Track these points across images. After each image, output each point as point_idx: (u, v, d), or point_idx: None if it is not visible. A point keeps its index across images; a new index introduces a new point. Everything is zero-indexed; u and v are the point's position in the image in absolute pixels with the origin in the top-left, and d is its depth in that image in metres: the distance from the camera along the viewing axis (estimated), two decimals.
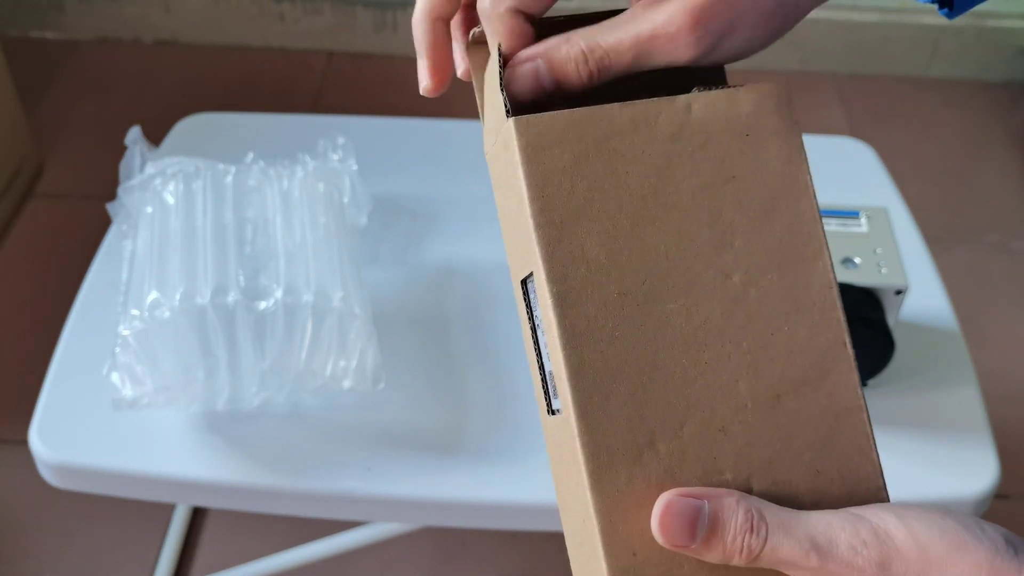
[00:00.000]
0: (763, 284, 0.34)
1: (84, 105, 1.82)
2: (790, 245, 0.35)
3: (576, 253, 0.33)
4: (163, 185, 0.79)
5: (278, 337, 0.71)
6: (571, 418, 0.33)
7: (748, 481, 0.33)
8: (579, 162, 0.34)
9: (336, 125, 0.99)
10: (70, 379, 0.77)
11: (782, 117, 0.35)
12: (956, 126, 1.88)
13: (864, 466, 0.34)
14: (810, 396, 0.34)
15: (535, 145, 0.34)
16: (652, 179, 0.34)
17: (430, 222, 0.92)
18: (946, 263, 1.01)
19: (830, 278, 0.35)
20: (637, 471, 0.33)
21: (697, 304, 0.34)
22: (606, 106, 0.34)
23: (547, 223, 0.33)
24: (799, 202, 0.35)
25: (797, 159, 0.35)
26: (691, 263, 0.34)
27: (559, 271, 0.33)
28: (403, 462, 0.72)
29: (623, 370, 0.33)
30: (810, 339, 0.34)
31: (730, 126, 0.35)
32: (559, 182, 0.34)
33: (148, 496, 0.76)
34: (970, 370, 0.80)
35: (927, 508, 0.32)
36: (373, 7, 1.93)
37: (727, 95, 0.35)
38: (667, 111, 0.35)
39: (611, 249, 0.34)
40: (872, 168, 1.01)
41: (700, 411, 0.33)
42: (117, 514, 1.20)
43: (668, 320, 0.34)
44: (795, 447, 0.34)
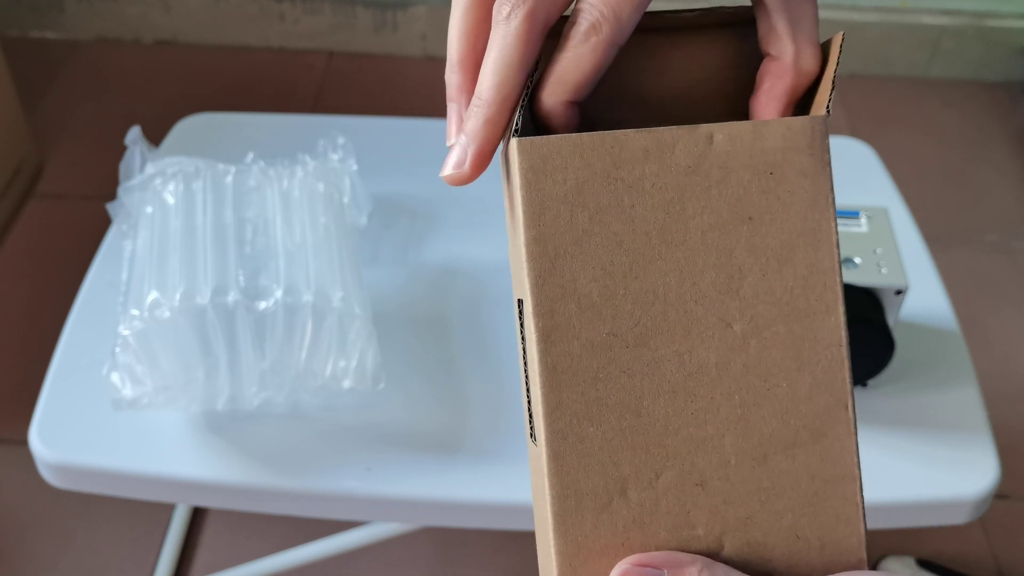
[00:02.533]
0: (766, 336, 0.32)
1: (84, 105, 1.82)
2: (802, 296, 0.32)
3: (567, 288, 0.32)
4: (163, 185, 0.79)
5: (278, 337, 0.71)
6: (543, 455, 0.32)
7: (720, 539, 0.32)
8: (582, 191, 0.32)
9: (336, 125, 0.99)
10: (70, 379, 0.77)
11: (813, 156, 0.32)
12: (956, 126, 1.88)
13: (848, 537, 0.33)
14: (800, 458, 0.32)
15: (537, 169, 0.32)
16: (660, 214, 0.32)
17: (430, 222, 0.92)
18: (946, 263, 1.01)
19: (841, 336, 0.33)
20: (604, 518, 0.32)
21: (691, 351, 0.32)
22: (619, 132, 0.32)
23: (540, 254, 0.32)
24: (818, 251, 0.32)
25: (823, 203, 0.32)
26: (691, 307, 0.32)
27: (547, 305, 0.32)
28: (403, 462, 0.73)
29: (603, 413, 0.32)
30: (809, 398, 0.32)
31: (753, 162, 0.32)
32: (558, 211, 0.32)
33: (148, 496, 0.76)
34: (970, 370, 0.80)
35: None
36: (373, 7, 1.93)
37: (754, 127, 0.32)
38: (685, 140, 0.32)
39: (605, 286, 0.32)
40: (872, 168, 1.01)
41: (679, 462, 0.32)
42: (117, 514, 1.20)
43: (658, 366, 0.32)
44: (776, 509, 0.32)
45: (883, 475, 0.72)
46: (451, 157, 0.33)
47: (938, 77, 1.99)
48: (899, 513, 0.73)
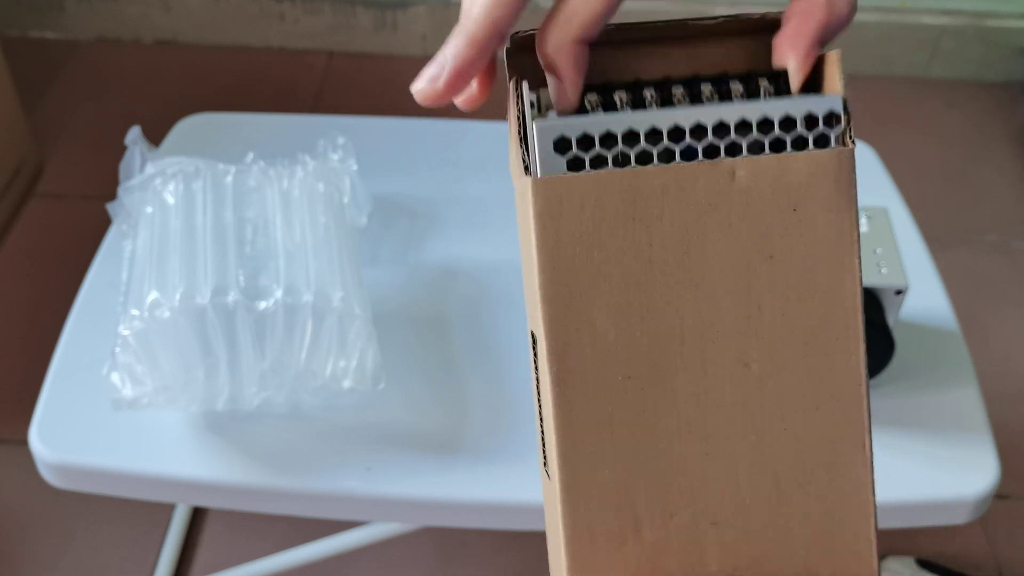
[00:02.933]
0: (784, 375, 0.31)
1: (84, 105, 1.82)
2: (822, 335, 0.31)
3: (583, 329, 0.31)
4: (163, 185, 0.79)
5: (278, 337, 0.71)
6: (557, 495, 0.31)
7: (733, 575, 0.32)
8: (598, 229, 0.31)
9: (336, 125, 0.99)
10: (70, 379, 0.77)
11: (840, 191, 0.31)
12: (956, 126, 1.88)
13: (861, 571, 0.33)
14: (815, 496, 0.32)
15: (552, 211, 0.31)
16: (679, 253, 0.31)
17: (430, 222, 0.92)
18: (946, 263, 1.01)
19: (861, 375, 0.32)
20: (619, 557, 0.31)
21: (708, 392, 0.31)
22: (638, 169, 0.31)
23: (555, 297, 0.31)
24: (841, 288, 0.31)
25: (848, 239, 0.31)
26: (708, 347, 0.31)
27: (562, 347, 0.31)
28: (403, 462, 0.72)
29: (617, 453, 0.31)
30: (827, 437, 0.32)
31: (777, 198, 0.31)
32: (574, 250, 0.31)
33: (148, 496, 0.76)
34: (970, 370, 0.80)
35: None
36: (373, 7, 1.93)
37: (779, 161, 0.31)
38: (707, 176, 0.31)
39: (622, 327, 0.31)
40: (872, 168, 1.01)
41: (693, 502, 0.32)
42: (117, 514, 1.20)
43: (674, 406, 0.31)
44: (790, 546, 0.32)
45: (883, 475, 0.72)
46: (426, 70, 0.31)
47: (938, 77, 1.99)
48: (899, 513, 0.73)
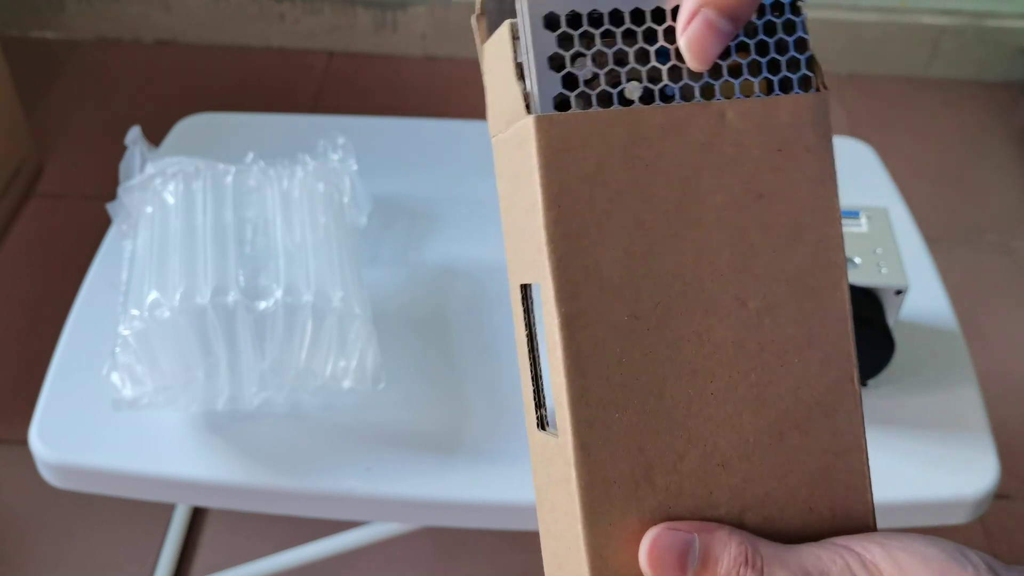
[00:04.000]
0: (779, 313, 0.32)
1: (84, 105, 1.82)
2: (810, 273, 0.33)
3: (590, 270, 0.31)
4: (163, 185, 0.79)
5: (278, 337, 0.71)
6: (568, 445, 0.31)
7: (741, 517, 0.32)
8: (601, 169, 0.31)
9: (336, 125, 0.99)
10: (70, 379, 0.77)
11: (818, 133, 0.33)
12: (956, 126, 1.88)
13: (857, 506, 0.33)
14: (813, 433, 0.33)
15: (556, 148, 0.31)
16: (677, 192, 0.32)
17: (430, 222, 0.92)
18: (946, 263, 1.01)
19: (846, 310, 0.33)
20: (631, 505, 0.31)
21: (710, 331, 0.32)
22: (636, 108, 0.32)
23: (561, 236, 0.31)
24: (825, 228, 0.33)
25: (828, 181, 0.33)
26: (708, 286, 0.32)
27: (569, 290, 0.31)
28: (403, 462, 0.72)
29: (627, 398, 0.31)
30: (819, 373, 0.33)
31: (764, 138, 0.32)
32: (578, 191, 0.31)
33: (148, 496, 0.76)
34: (970, 370, 0.80)
35: (912, 537, 0.31)
36: (373, 7, 1.93)
37: (763, 104, 0.32)
38: (700, 117, 0.32)
39: (626, 267, 0.31)
40: (872, 168, 1.01)
41: (701, 444, 0.32)
42: (117, 514, 1.20)
43: (678, 347, 0.32)
44: (791, 484, 0.33)
45: (883, 475, 0.72)
46: None
47: (938, 77, 1.99)
48: (899, 513, 0.73)
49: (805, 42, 0.33)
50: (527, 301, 0.34)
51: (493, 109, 0.34)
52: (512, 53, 0.32)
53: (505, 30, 0.32)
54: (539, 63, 0.31)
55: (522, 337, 0.34)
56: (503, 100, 0.33)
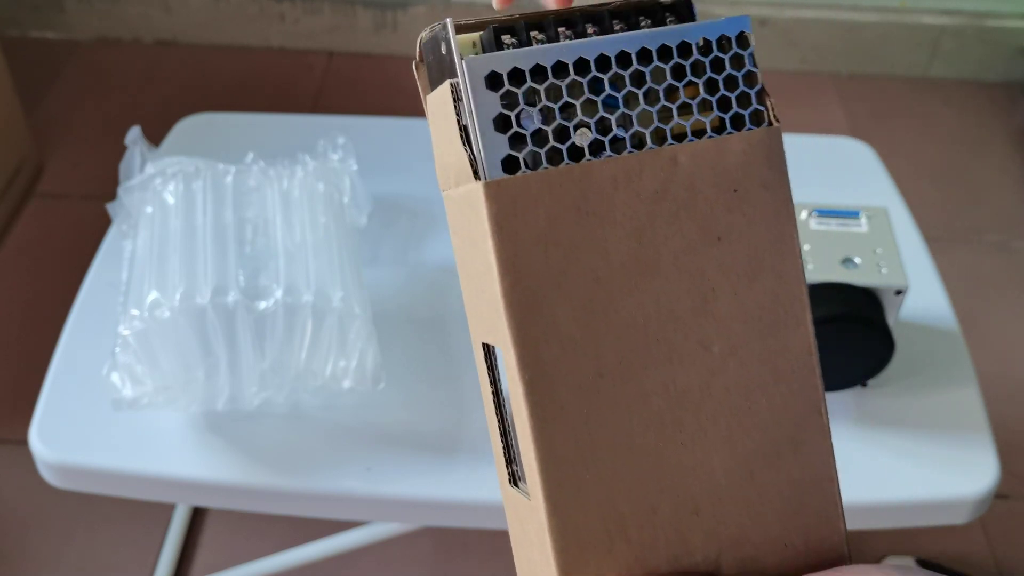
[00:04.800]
0: (742, 353, 0.32)
1: (84, 105, 1.82)
2: (772, 310, 0.33)
3: (549, 331, 0.30)
4: (163, 185, 0.79)
5: (278, 337, 0.71)
6: (540, 509, 0.31)
7: (717, 560, 0.32)
8: (554, 228, 0.31)
9: (336, 125, 0.99)
10: (70, 379, 0.77)
11: (772, 168, 0.32)
12: (956, 126, 1.88)
13: (831, 536, 0.33)
14: (783, 468, 0.33)
15: (507, 212, 0.30)
16: (632, 243, 0.31)
17: (430, 222, 0.92)
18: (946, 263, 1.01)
19: (810, 343, 0.33)
20: (607, 561, 0.31)
21: (675, 379, 0.32)
22: (585, 164, 0.31)
23: (519, 302, 0.30)
24: (784, 262, 0.33)
25: (785, 214, 0.33)
26: (671, 334, 0.32)
27: (531, 354, 0.30)
28: (403, 462, 0.73)
29: (596, 456, 0.31)
30: (786, 408, 0.33)
31: (718, 180, 0.32)
32: (532, 252, 0.30)
33: (148, 496, 0.76)
34: (970, 370, 0.80)
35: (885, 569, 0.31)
36: (373, 7, 1.93)
37: (716, 144, 0.32)
38: (651, 164, 0.31)
39: (587, 324, 0.31)
40: (872, 168, 1.01)
41: (674, 493, 0.32)
42: (117, 514, 1.20)
43: (645, 398, 0.31)
44: (765, 521, 0.33)
45: (883, 475, 0.72)
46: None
47: (938, 77, 1.99)
48: (899, 513, 0.73)
49: (754, 76, 0.33)
50: (491, 359, 0.34)
51: (440, 162, 0.34)
52: (455, 115, 0.31)
53: (446, 91, 0.31)
54: (483, 126, 0.31)
55: (488, 394, 0.34)
56: (449, 159, 0.33)
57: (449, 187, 0.33)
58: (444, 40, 0.31)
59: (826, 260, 0.74)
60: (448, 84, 0.31)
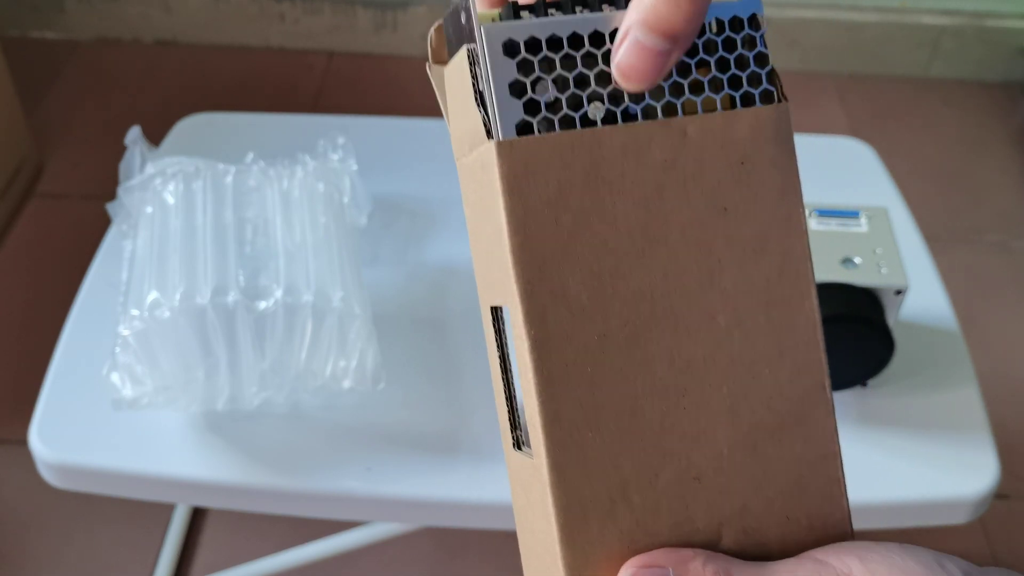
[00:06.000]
0: (748, 325, 0.33)
1: (84, 105, 1.82)
2: (778, 285, 0.33)
3: (557, 293, 0.31)
4: (163, 185, 0.79)
5: (278, 337, 0.71)
6: (543, 468, 0.31)
7: (719, 530, 0.32)
8: (565, 192, 0.31)
9: (336, 125, 0.99)
10: (70, 379, 0.77)
11: (780, 145, 0.33)
12: (956, 126, 1.88)
13: (834, 513, 0.33)
14: (786, 442, 0.33)
15: (518, 173, 0.31)
16: (641, 211, 0.32)
17: (430, 222, 0.92)
18: (946, 263, 1.01)
19: (815, 319, 0.33)
20: (609, 524, 0.32)
21: (680, 347, 0.32)
22: (597, 129, 0.32)
23: (528, 261, 0.31)
24: (790, 239, 0.33)
25: (792, 193, 0.33)
26: (676, 303, 0.32)
27: (538, 313, 0.31)
28: (403, 462, 0.73)
29: (600, 418, 0.31)
30: (791, 383, 0.33)
31: (726, 152, 0.32)
32: (542, 215, 0.31)
33: (148, 496, 0.76)
34: (970, 370, 0.80)
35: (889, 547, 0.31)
36: (373, 7, 1.93)
37: (724, 119, 0.32)
38: (660, 135, 0.32)
39: (594, 289, 0.31)
40: (872, 168, 1.01)
41: (676, 460, 0.32)
42: (117, 514, 1.20)
43: (649, 364, 0.32)
44: (767, 495, 0.33)
45: (883, 475, 0.72)
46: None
47: (938, 77, 1.99)
48: (899, 513, 0.73)
49: (765, 56, 0.33)
50: (498, 323, 0.34)
51: (456, 133, 0.34)
52: (472, 80, 0.32)
53: (463, 57, 0.32)
54: (499, 90, 0.31)
55: (495, 359, 0.35)
56: (464, 125, 0.33)
57: (463, 155, 0.34)
58: (464, 9, 0.32)
59: (826, 260, 0.74)
60: (466, 49, 0.32)
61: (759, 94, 0.33)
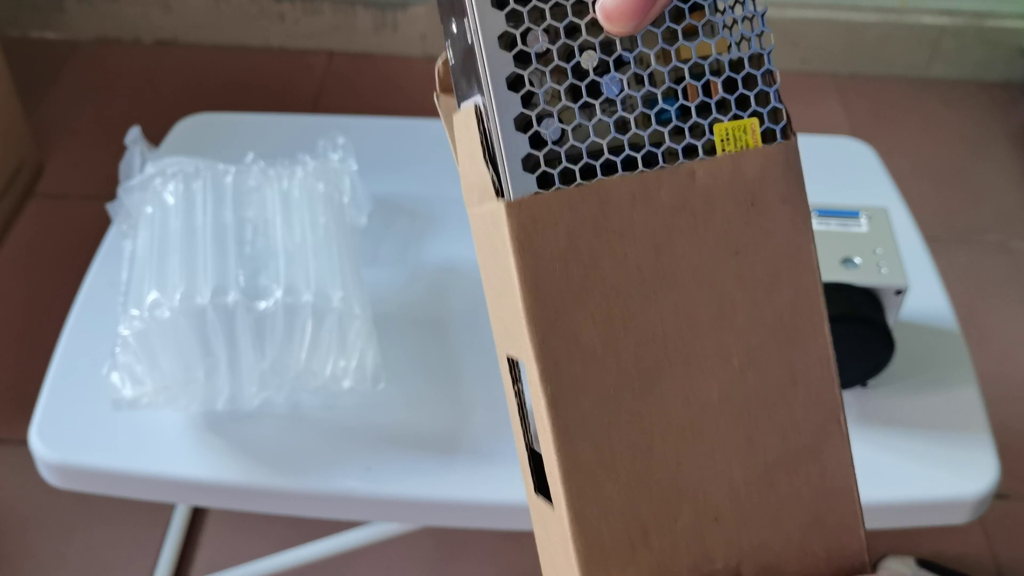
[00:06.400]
0: (762, 363, 0.33)
1: (84, 105, 1.82)
2: (790, 321, 0.33)
3: (571, 343, 0.31)
4: (163, 185, 0.79)
5: (278, 337, 0.71)
6: (564, 519, 0.32)
7: (738, 568, 0.33)
8: (574, 244, 0.31)
9: (336, 125, 0.99)
10: (70, 379, 0.77)
11: (789, 181, 0.33)
12: (956, 126, 1.88)
13: (851, 544, 0.33)
14: (802, 476, 0.33)
15: (528, 230, 0.31)
16: (651, 257, 0.32)
17: (430, 222, 0.92)
18: (946, 263, 1.01)
19: (828, 353, 0.33)
20: (630, 569, 0.32)
21: (695, 388, 0.32)
22: (604, 180, 0.31)
23: (541, 317, 0.31)
24: (802, 274, 0.33)
25: (803, 227, 0.33)
26: (690, 344, 0.32)
27: (552, 367, 0.31)
28: (403, 462, 0.72)
29: (617, 464, 0.32)
30: (805, 417, 0.33)
31: (735, 194, 0.32)
32: (554, 269, 0.31)
33: (148, 496, 0.76)
34: (970, 370, 0.80)
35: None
36: (373, 7, 1.93)
37: (732, 160, 0.32)
38: (669, 181, 0.32)
39: (607, 336, 0.32)
40: (872, 168, 1.01)
41: (694, 500, 0.32)
42: (117, 514, 1.20)
43: (665, 408, 0.32)
44: (785, 529, 0.33)
45: (883, 475, 0.72)
46: None
47: (938, 77, 1.99)
48: (899, 513, 0.73)
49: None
50: (515, 371, 0.34)
51: (465, 181, 0.34)
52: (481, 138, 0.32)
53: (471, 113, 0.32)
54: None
55: (513, 406, 0.35)
56: (473, 176, 0.33)
57: (473, 204, 0.34)
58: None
59: (826, 260, 0.74)
60: (472, 104, 0.32)
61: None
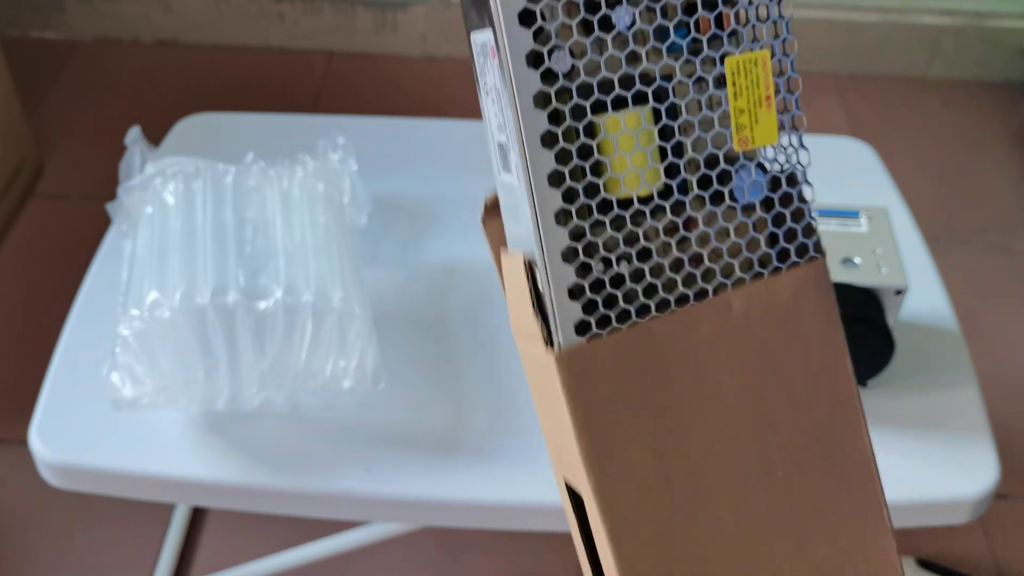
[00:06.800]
0: (806, 472, 0.34)
1: (84, 105, 1.82)
2: (831, 428, 0.34)
3: (625, 477, 0.33)
4: (163, 185, 0.79)
5: (278, 337, 0.71)
6: None
7: None
8: (622, 386, 0.33)
9: (336, 125, 0.99)
10: (70, 379, 0.77)
11: (821, 300, 0.34)
12: (956, 126, 1.88)
13: None
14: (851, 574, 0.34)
15: (579, 378, 0.33)
16: (693, 388, 0.34)
17: (430, 222, 0.92)
18: (946, 263, 1.01)
19: (869, 456, 0.35)
20: None
21: (745, 502, 0.34)
22: (646, 324, 0.33)
23: (596, 457, 0.33)
24: (837, 384, 0.35)
25: (836, 340, 0.35)
26: (737, 462, 0.34)
27: (610, 501, 0.33)
28: (403, 462, 0.72)
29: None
30: (852, 517, 0.34)
31: (770, 318, 0.34)
32: (604, 411, 0.33)
33: (148, 496, 0.76)
34: (970, 370, 0.80)
35: None
36: (373, 7, 1.93)
37: (766, 286, 0.34)
38: (706, 315, 0.33)
39: (659, 466, 0.33)
40: (872, 168, 1.01)
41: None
42: (117, 514, 1.20)
43: (717, 525, 0.34)
44: None
45: (883, 475, 0.72)
46: None
47: (938, 77, 1.99)
48: (899, 513, 0.73)
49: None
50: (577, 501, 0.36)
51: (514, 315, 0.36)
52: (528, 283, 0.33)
53: (520, 264, 0.33)
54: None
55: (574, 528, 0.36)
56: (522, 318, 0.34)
57: (521, 338, 0.35)
58: None
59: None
60: (523, 257, 0.33)
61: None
